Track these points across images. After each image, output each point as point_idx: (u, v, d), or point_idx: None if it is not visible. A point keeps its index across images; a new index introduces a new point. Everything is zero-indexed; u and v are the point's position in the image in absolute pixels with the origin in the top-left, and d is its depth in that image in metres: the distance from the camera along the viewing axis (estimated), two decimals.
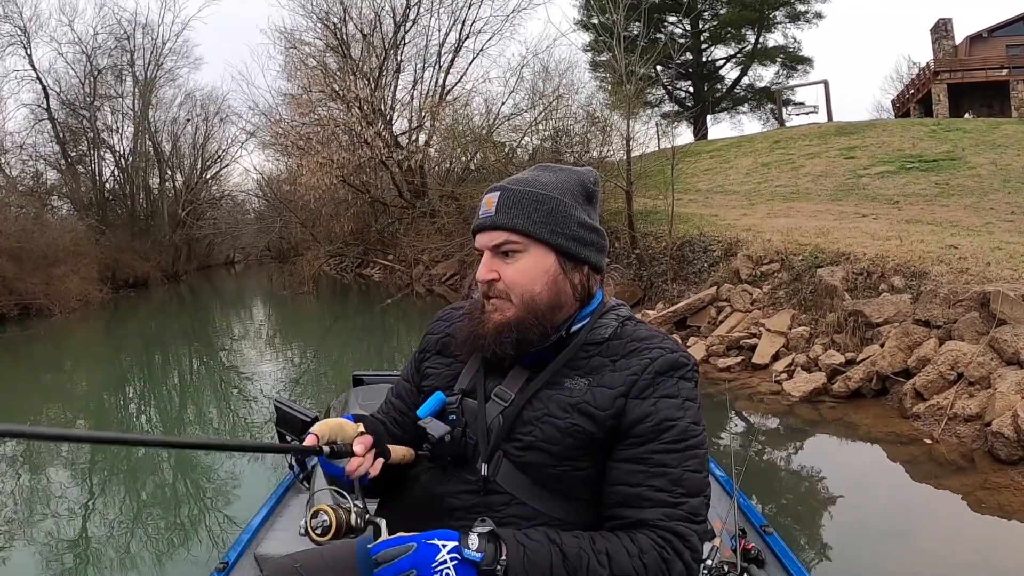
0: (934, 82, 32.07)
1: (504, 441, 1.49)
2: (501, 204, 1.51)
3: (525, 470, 1.47)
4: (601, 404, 1.45)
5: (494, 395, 1.54)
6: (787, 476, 5.89)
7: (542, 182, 1.54)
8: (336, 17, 26.38)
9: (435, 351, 1.74)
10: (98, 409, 10.46)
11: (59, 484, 6.70)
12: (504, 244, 1.50)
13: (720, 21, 38.52)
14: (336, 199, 26.84)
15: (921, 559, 4.26)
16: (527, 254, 1.50)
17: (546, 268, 1.51)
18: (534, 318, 1.49)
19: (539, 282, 1.50)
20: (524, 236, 1.49)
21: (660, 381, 1.46)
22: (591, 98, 22.32)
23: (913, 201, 15.02)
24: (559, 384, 1.49)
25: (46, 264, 22.94)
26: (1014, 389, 5.79)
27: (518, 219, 1.49)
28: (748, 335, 9.41)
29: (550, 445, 1.45)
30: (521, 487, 1.47)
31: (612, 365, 1.49)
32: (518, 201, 1.51)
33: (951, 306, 7.36)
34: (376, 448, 1.48)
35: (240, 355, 15.15)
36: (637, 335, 1.54)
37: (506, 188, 1.54)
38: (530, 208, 1.50)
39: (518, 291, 1.49)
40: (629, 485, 1.42)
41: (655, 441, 1.42)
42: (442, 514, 1.49)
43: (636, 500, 1.41)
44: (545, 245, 1.50)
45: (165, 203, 39.18)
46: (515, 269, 1.50)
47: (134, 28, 35.94)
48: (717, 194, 19.56)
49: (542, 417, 1.46)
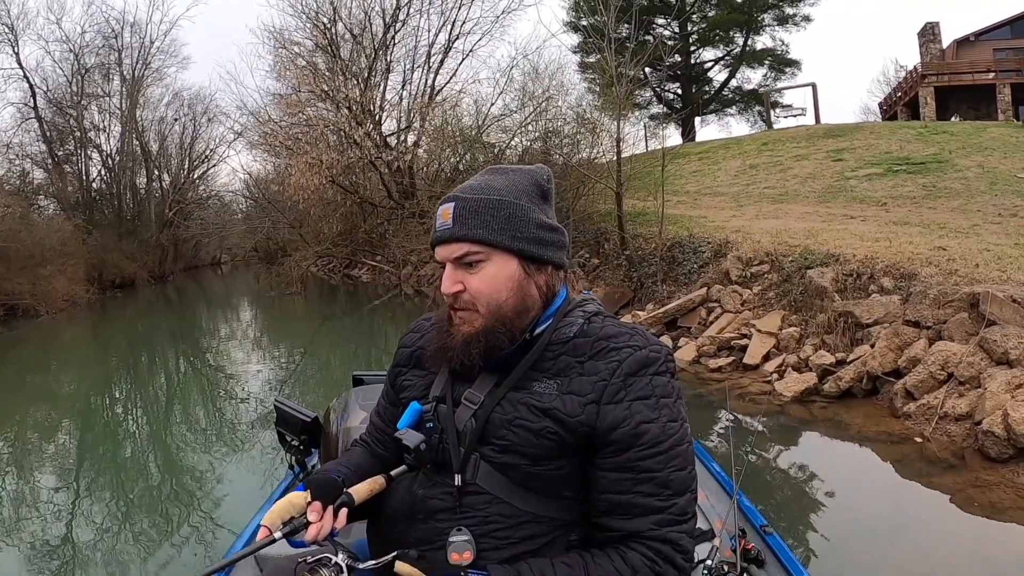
0: (921, 85, 32.29)
1: (480, 444, 1.49)
2: (457, 214, 1.48)
3: (504, 471, 1.47)
4: (571, 411, 1.43)
5: (464, 399, 1.54)
6: (784, 476, 5.91)
7: (495, 187, 1.52)
8: (326, 17, 26.33)
9: (409, 364, 1.74)
10: (84, 410, 10.39)
11: (58, 484, 6.67)
12: (466, 255, 1.48)
13: (708, 23, 38.66)
14: (325, 200, 26.76)
15: (917, 556, 4.29)
16: (490, 263, 1.48)
17: (510, 275, 1.49)
18: (502, 325, 1.48)
19: (504, 289, 1.49)
20: (485, 245, 1.47)
21: (632, 383, 1.44)
22: (581, 99, 22.37)
23: (901, 203, 15.10)
24: (527, 387, 1.48)
25: (33, 264, 22.81)
26: (1004, 388, 5.83)
27: (477, 228, 1.47)
28: (739, 336, 9.44)
29: (526, 448, 1.45)
30: (502, 487, 1.47)
31: (580, 367, 1.47)
32: (474, 210, 1.48)
33: (941, 307, 7.41)
34: (334, 502, 1.49)
35: (228, 356, 15.09)
36: (604, 332, 1.51)
37: (460, 197, 1.51)
38: (487, 216, 1.48)
39: (484, 301, 1.48)
40: (617, 493, 1.42)
41: (636, 447, 1.41)
42: (427, 516, 1.51)
43: (625, 509, 1.41)
44: (507, 252, 1.49)
45: (152, 203, 39.06)
46: (479, 279, 1.48)
47: (122, 27, 35.93)
48: (706, 196, 19.61)
49: (514, 420, 1.46)
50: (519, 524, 1.45)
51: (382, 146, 25.03)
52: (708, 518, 3.17)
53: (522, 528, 1.45)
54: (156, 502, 5.97)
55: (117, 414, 10.41)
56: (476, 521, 1.46)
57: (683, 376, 9.02)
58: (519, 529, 1.45)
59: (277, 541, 1.45)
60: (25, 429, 9.28)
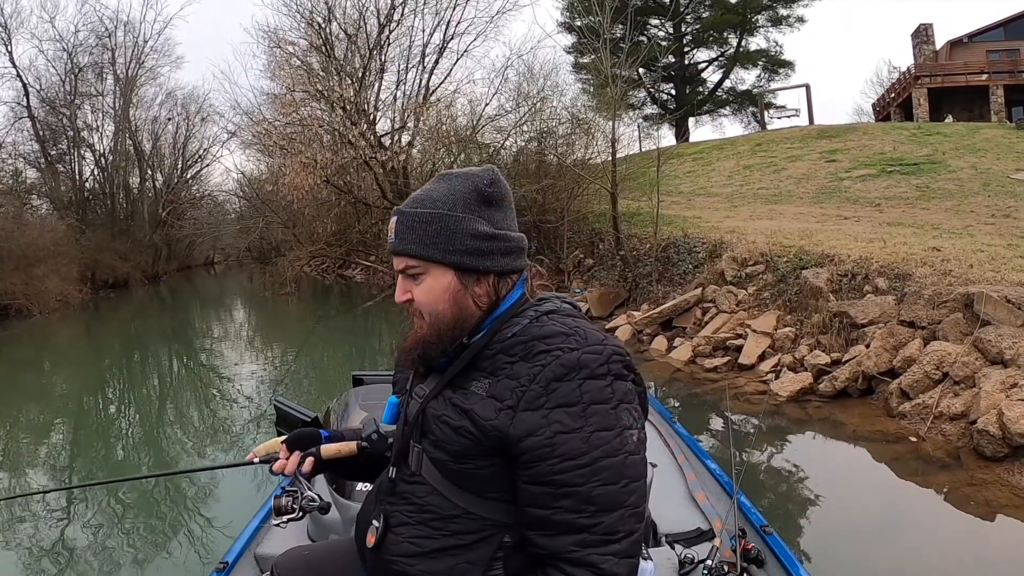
0: (915, 86, 32.40)
1: (422, 437, 1.54)
2: (398, 229, 1.54)
3: (436, 465, 1.50)
4: (485, 415, 1.41)
5: (415, 394, 1.61)
6: (782, 475, 5.92)
7: (433, 198, 1.53)
8: (320, 16, 26.23)
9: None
10: (78, 411, 10.35)
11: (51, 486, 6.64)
12: (407, 268, 1.54)
13: (703, 24, 38.77)
14: (319, 200, 26.71)
15: (913, 554, 4.31)
16: (428, 275, 1.52)
17: (445, 286, 1.52)
18: (436, 336, 1.52)
19: (441, 301, 1.52)
20: (420, 259, 1.52)
21: (555, 388, 1.37)
22: (575, 99, 22.37)
23: (895, 204, 15.16)
24: (464, 386, 1.49)
25: (26, 264, 22.74)
26: (998, 388, 5.86)
27: (411, 244, 1.51)
28: (734, 336, 9.46)
29: (448, 444, 1.46)
30: (437, 480, 1.50)
31: (509, 368, 1.44)
32: (410, 225, 1.52)
33: (935, 307, 7.44)
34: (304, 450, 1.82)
35: (222, 356, 15.04)
36: (540, 332, 1.45)
37: (402, 212, 1.55)
38: (420, 230, 1.51)
39: (426, 310, 1.53)
40: (537, 507, 1.38)
41: (552, 459, 1.35)
42: (381, 498, 1.63)
43: (546, 525, 1.37)
44: (440, 264, 1.51)
45: (145, 203, 38.97)
46: (420, 291, 1.54)
47: (116, 26, 35.81)
48: (699, 196, 19.65)
49: (441, 416, 1.48)
50: (452, 517, 1.48)
51: (376, 146, 24.96)
52: (708, 518, 3.18)
53: (454, 522, 1.47)
54: (151, 503, 5.95)
55: (111, 415, 10.38)
56: (414, 509, 1.52)
57: (679, 376, 9.04)
58: (451, 523, 1.47)
59: (254, 464, 2.00)
60: (18, 429, 9.24)
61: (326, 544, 2.26)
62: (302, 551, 1.94)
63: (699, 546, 2.92)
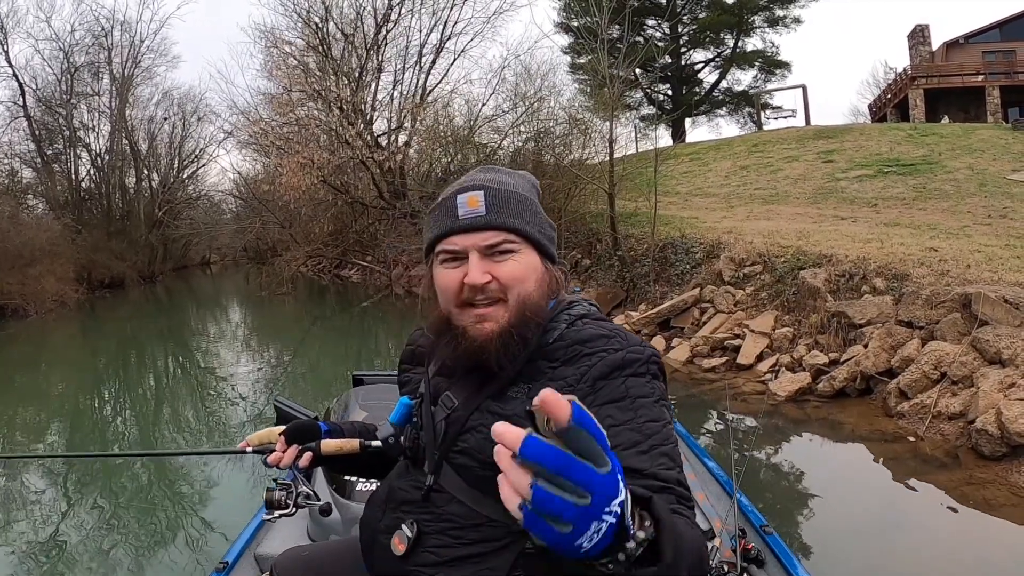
0: (911, 87, 32.47)
1: (445, 444, 1.48)
2: (490, 202, 1.45)
3: (459, 472, 1.46)
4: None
5: (441, 400, 1.53)
6: (781, 475, 5.93)
7: (506, 181, 1.50)
8: (318, 16, 26.27)
9: (412, 360, 1.77)
10: (74, 411, 10.32)
11: (47, 487, 6.62)
12: (501, 243, 1.44)
13: (699, 25, 38.77)
14: (315, 200, 26.71)
15: (913, 554, 4.32)
16: (520, 253, 1.45)
17: (536, 266, 1.47)
18: (522, 322, 1.42)
19: (531, 280, 1.45)
20: (517, 235, 1.45)
21: (600, 386, 1.34)
22: (573, 100, 22.39)
23: (891, 204, 15.17)
24: (499, 392, 1.44)
25: (22, 264, 22.69)
26: (997, 387, 5.88)
27: (511, 218, 1.44)
28: (732, 336, 9.47)
29: (480, 454, 1.41)
30: (459, 488, 1.46)
31: (551, 372, 1.40)
32: (506, 199, 1.46)
33: (933, 307, 7.45)
34: (303, 444, 1.79)
35: (219, 357, 15.02)
36: (580, 336, 1.43)
37: (488, 187, 1.47)
38: (518, 206, 1.46)
39: (515, 290, 1.43)
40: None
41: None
42: (396, 506, 1.55)
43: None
44: (532, 244, 1.47)
45: (141, 203, 38.89)
46: (510, 267, 1.43)
47: (112, 25, 35.72)
48: (696, 197, 19.65)
49: (477, 426, 1.43)
50: (473, 526, 1.43)
51: (373, 146, 24.99)
52: (708, 518, 3.18)
53: (475, 530, 1.43)
54: (149, 505, 5.93)
55: (107, 415, 10.35)
56: (432, 518, 1.47)
57: (677, 376, 9.04)
58: (471, 531, 1.43)
59: (247, 454, 1.88)
60: (14, 430, 9.22)
61: (326, 544, 2.23)
62: (301, 551, 1.90)
63: None
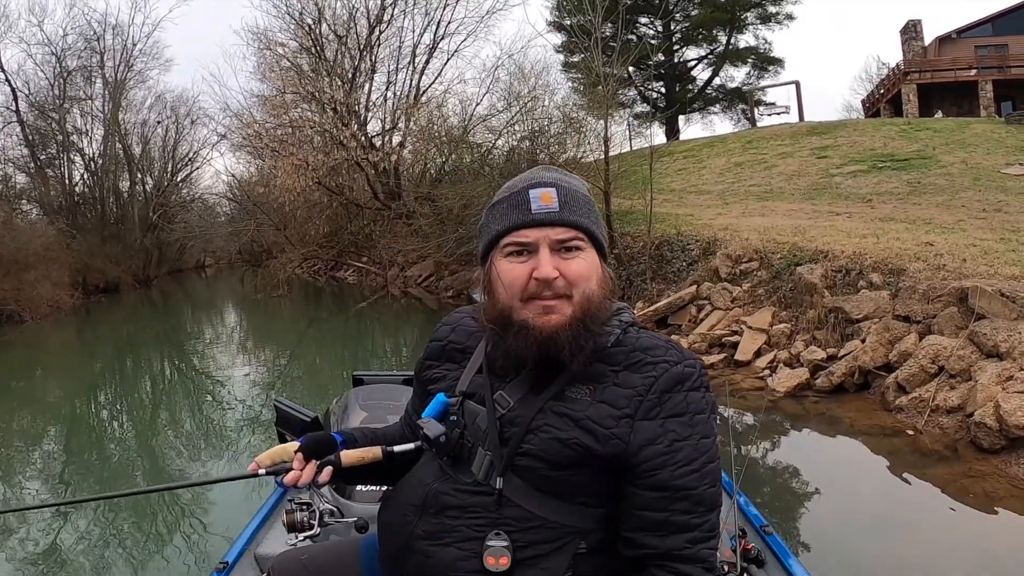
0: (904, 82, 32.51)
1: (501, 446, 1.46)
2: (563, 199, 1.47)
3: (520, 474, 1.44)
4: (604, 423, 1.41)
5: (495, 399, 1.51)
6: (780, 473, 5.94)
7: (576, 183, 1.53)
8: (310, 17, 26.26)
9: (441, 358, 1.73)
10: (71, 417, 10.28)
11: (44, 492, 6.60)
12: (572, 239, 1.46)
13: (692, 22, 38.79)
14: (310, 201, 26.70)
15: (914, 549, 4.33)
16: (587, 252, 1.47)
17: (598, 265, 1.49)
18: (590, 317, 1.44)
19: (595, 279, 1.47)
20: (586, 234, 1.48)
21: (667, 399, 1.41)
22: (567, 99, 22.39)
23: (886, 199, 15.21)
24: (562, 395, 1.46)
25: (16, 269, 22.59)
26: (995, 380, 5.89)
27: (583, 216, 1.48)
28: (730, 333, 9.48)
29: (548, 455, 1.42)
30: (518, 491, 1.44)
31: (615, 375, 1.45)
32: (576, 198, 1.49)
33: (930, 301, 7.47)
34: (320, 458, 1.62)
35: (215, 360, 14.96)
36: (640, 344, 1.49)
37: (559, 184, 1.50)
38: (586, 206, 1.50)
39: (581, 287, 1.44)
40: (652, 511, 1.40)
41: (671, 466, 1.39)
42: (438, 511, 1.49)
43: (660, 526, 1.40)
44: (595, 244, 1.50)
45: (135, 207, 38.81)
46: (577, 265, 1.45)
47: (104, 29, 35.56)
48: (691, 194, 19.68)
49: (543, 427, 1.43)
50: (528, 528, 1.42)
51: (368, 147, 24.96)
52: None
53: (530, 532, 1.42)
54: (156, 502, 5.93)
55: (104, 421, 10.31)
56: (485, 522, 1.44)
57: None
58: (527, 533, 1.42)
59: (260, 476, 1.65)
60: (10, 436, 9.18)
61: (325, 545, 2.18)
62: (300, 553, 1.86)
63: None
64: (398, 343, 15.71)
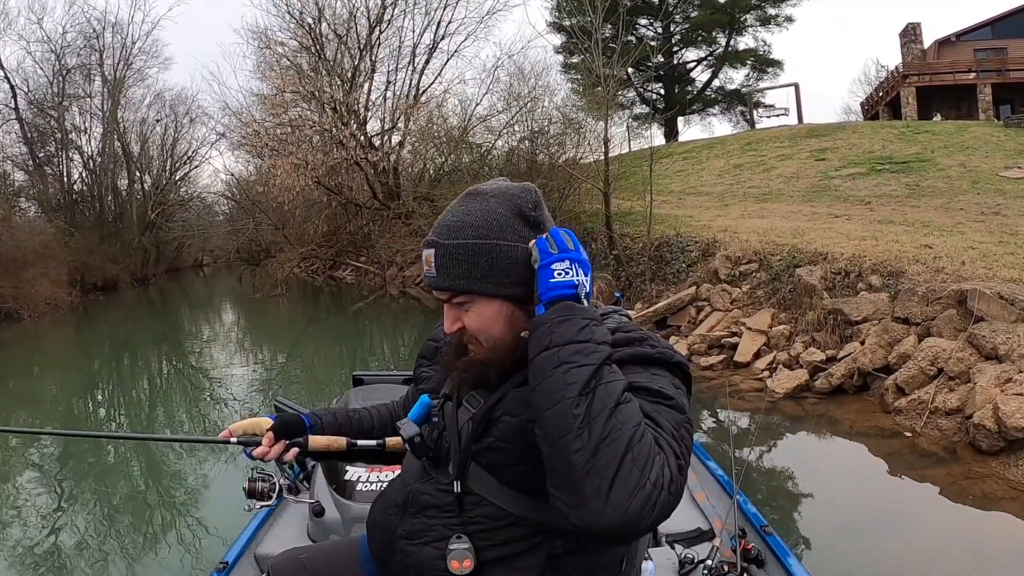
0: (903, 85, 32.51)
1: (474, 445, 1.46)
2: (439, 263, 1.43)
3: (491, 471, 1.44)
4: None
5: (466, 401, 1.52)
6: (780, 474, 5.94)
7: (472, 224, 1.43)
8: (311, 16, 26.23)
9: (433, 357, 1.77)
10: (69, 415, 10.26)
11: (42, 491, 6.60)
12: (454, 299, 1.45)
13: (691, 24, 38.82)
14: (309, 201, 26.68)
15: (912, 550, 4.33)
16: (477, 304, 1.44)
17: (498, 311, 1.44)
18: (497, 359, 1.45)
19: (497, 325, 1.44)
20: (469, 294, 1.43)
21: (628, 368, 1.31)
22: (566, 99, 22.40)
23: (885, 202, 15.22)
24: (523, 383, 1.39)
25: (15, 267, 22.58)
26: (994, 382, 5.90)
27: (459, 279, 1.42)
28: (729, 334, 9.49)
29: (510, 443, 1.40)
30: (489, 488, 1.43)
31: None
32: (454, 258, 1.42)
33: (929, 304, 7.49)
34: (288, 439, 1.80)
35: (213, 359, 14.97)
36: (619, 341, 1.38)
37: (439, 244, 1.44)
38: (468, 264, 1.41)
39: (482, 336, 1.45)
40: None
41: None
42: (418, 510, 1.51)
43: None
44: (489, 293, 1.43)
45: (134, 205, 38.79)
46: (470, 318, 1.45)
47: (103, 27, 35.62)
48: (690, 195, 19.68)
49: (500, 417, 1.43)
50: (503, 527, 1.42)
51: (367, 147, 24.94)
52: (708, 518, 3.19)
53: (504, 531, 1.42)
54: (156, 502, 5.93)
55: (101, 418, 10.31)
56: (461, 521, 1.45)
57: None
58: (501, 532, 1.42)
59: (231, 444, 1.83)
60: (9, 435, 9.16)
61: (324, 545, 2.20)
62: (299, 552, 1.87)
63: (699, 546, 2.93)
64: (396, 343, 15.71)
